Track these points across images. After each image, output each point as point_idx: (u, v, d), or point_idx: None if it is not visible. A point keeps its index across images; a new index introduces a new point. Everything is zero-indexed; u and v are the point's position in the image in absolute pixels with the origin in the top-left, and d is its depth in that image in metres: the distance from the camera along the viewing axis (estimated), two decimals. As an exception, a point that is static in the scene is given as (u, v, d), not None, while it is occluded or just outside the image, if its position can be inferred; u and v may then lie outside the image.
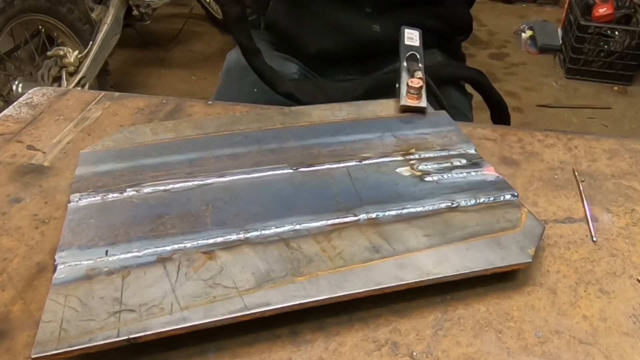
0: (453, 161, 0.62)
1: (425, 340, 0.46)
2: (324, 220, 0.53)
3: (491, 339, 0.47)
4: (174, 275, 0.47)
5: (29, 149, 0.68)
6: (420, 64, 0.73)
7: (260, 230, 0.51)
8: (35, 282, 0.51)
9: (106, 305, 0.44)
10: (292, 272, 0.47)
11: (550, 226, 0.58)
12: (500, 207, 0.55)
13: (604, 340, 0.47)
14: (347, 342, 0.46)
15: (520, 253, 0.50)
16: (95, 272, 0.47)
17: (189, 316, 0.43)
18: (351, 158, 0.62)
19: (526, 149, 0.71)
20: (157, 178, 0.58)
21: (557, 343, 0.46)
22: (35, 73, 2.18)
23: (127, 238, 0.50)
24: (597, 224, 0.59)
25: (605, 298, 0.51)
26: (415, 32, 0.74)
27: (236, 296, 0.45)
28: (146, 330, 0.42)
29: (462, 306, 0.49)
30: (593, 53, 2.96)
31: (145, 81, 2.89)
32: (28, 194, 0.61)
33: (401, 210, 0.54)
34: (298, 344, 0.46)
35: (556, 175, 0.66)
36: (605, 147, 0.72)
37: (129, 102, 0.78)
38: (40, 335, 0.42)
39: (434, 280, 0.48)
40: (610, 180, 0.66)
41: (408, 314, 0.48)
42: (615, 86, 2.97)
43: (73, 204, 0.54)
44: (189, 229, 0.51)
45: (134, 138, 0.64)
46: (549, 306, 0.50)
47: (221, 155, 0.62)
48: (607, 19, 2.89)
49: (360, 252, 0.50)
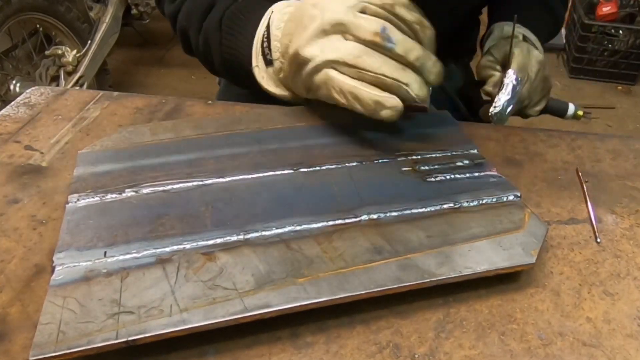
0: (455, 161, 0.61)
1: (428, 342, 0.46)
2: (324, 221, 0.52)
3: (494, 341, 0.46)
4: (173, 276, 0.46)
5: (27, 149, 0.68)
6: None
7: (261, 231, 0.51)
8: (33, 283, 0.50)
9: (105, 307, 0.44)
10: (292, 273, 0.47)
11: (553, 227, 0.58)
12: (503, 208, 0.55)
13: (608, 343, 0.46)
14: (348, 344, 0.46)
15: (523, 254, 0.50)
16: (94, 274, 0.47)
17: (189, 318, 0.43)
18: (352, 158, 0.61)
19: (529, 149, 0.70)
20: (156, 178, 0.57)
21: (561, 345, 0.46)
22: (33, 72, 2.18)
23: (126, 239, 0.50)
24: (601, 225, 0.59)
25: (610, 300, 0.50)
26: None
27: (236, 298, 0.45)
28: (145, 332, 0.42)
29: (464, 308, 0.49)
30: (597, 52, 2.97)
31: (144, 81, 2.89)
32: (26, 194, 0.60)
33: (403, 211, 0.54)
34: (298, 346, 0.45)
35: (560, 175, 0.66)
36: (609, 147, 0.72)
37: (128, 102, 0.78)
38: (38, 338, 0.41)
39: (436, 282, 0.48)
40: (615, 180, 0.66)
41: (410, 315, 0.48)
42: (619, 86, 2.97)
43: (71, 204, 0.54)
44: (189, 230, 0.51)
45: (132, 138, 0.64)
46: (552, 308, 0.49)
47: (221, 156, 0.61)
48: (611, 18, 2.89)
49: (361, 253, 0.49)
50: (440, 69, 0.61)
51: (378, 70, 0.57)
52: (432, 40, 0.61)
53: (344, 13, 0.58)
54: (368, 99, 0.58)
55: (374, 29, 0.57)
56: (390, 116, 0.58)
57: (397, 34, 0.58)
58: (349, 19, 0.58)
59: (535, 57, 0.82)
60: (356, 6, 0.58)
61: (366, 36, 0.57)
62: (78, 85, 2.23)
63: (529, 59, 0.81)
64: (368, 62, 0.57)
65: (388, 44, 0.57)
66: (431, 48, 0.61)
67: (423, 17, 0.59)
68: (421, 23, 0.59)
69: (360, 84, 0.58)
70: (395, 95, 0.58)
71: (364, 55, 0.57)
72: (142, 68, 2.98)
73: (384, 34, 0.57)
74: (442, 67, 0.61)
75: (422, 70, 0.59)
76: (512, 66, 0.78)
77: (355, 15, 0.58)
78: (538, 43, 0.87)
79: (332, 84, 0.59)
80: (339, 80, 0.58)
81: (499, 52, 0.84)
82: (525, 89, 0.79)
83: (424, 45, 0.60)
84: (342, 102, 0.60)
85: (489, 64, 0.85)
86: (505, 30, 0.87)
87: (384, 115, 0.58)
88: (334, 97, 0.60)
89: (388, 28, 0.57)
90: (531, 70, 0.80)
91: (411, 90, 0.58)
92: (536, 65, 0.81)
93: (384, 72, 0.57)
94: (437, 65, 0.60)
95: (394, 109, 0.58)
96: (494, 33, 0.89)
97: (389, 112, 0.58)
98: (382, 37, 0.57)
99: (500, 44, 0.85)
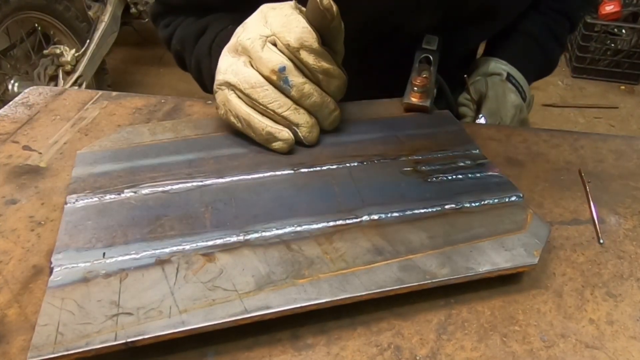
0: (457, 161, 0.61)
1: (429, 344, 0.46)
2: (325, 222, 0.52)
3: (496, 343, 0.46)
4: (172, 277, 0.46)
5: (25, 149, 0.67)
6: (432, 66, 0.73)
7: (261, 232, 0.51)
8: (31, 285, 0.50)
9: (103, 309, 0.43)
10: (293, 274, 0.47)
11: (556, 228, 0.58)
12: (505, 209, 0.55)
13: (611, 345, 0.46)
14: (349, 346, 0.45)
15: (525, 255, 0.49)
16: (93, 275, 0.46)
17: (188, 319, 0.43)
18: (353, 159, 0.61)
19: (531, 150, 0.70)
20: (155, 179, 0.57)
21: (563, 347, 0.46)
22: (31, 72, 2.18)
23: (124, 240, 0.50)
24: (603, 226, 0.58)
25: (612, 301, 0.50)
26: (435, 38, 0.74)
27: (236, 299, 0.44)
28: (144, 334, 0.42)
29: (466, 309, 0.49)
30: (600, 52, 2.96)
31: (143, 80, 2.88)
32: (24, 195, 0.60)
33: (404, 212, 0.54)
34: (299, 348, 0.45)
35: (562, 176, 0.66)
36: (612, 147, 0.71)
37: (127, 102, 0.78)
38: (37, 339, 0.41)
39: (438, 283, 0.47)
40: (617, 181, 0.65)
41: (411, 317, 0.48)
42: (622, 85, 2.96)
43: (70, 205, 0.54)
44: (188, 230, 0.51)
45: (131, 138, 0.64)
46: (554, 309, 0.49)
47: (221, 156, 0.61)
48: (614, 17, 2.87)
49: (362, 254, 0.49)
50: (337, 118, 0.62)
51: (269, 105, 0.59)
52: (339, 89, 0.62)
53: (252, 41, 0.58)
54: (260, 129, 0.60)
55: (272, 66, 0.57)
56: (281, 148, 0.60)
57: (296, 76, 0.58)
58: (255, 48, 0.58)
59: (511, 101, 0.82)
60: (269, 37, 0.58)
61: (264, 71, 0.58)
62: (77, 85, 2.23)
63: (504, 104, 0.81)
64: (261, 95, 0.58)
65: (283, 84, 0.58)
66: (336, 95, 0.62)
67: (331, 64, 0.59)
68: (327, 72, 0.59)
69: (255, 112, 0.59)
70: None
71: (259, 87, 0.58)
72: (141, 67, 2.98)
73: (282, 73, 0.57)
74: (339, 116, 0.62)
75: (317, 116, 0.61)
76: (482, 111, 0.80)
77: (262, 46, 0.58)
78: (524, 82, 0.87)
79: (229, 106, 0.61)
80: (235, 105, 0.60)
81: (476, 91, 0.84)
82: None
83: (328, 92, 0.61)
84: (237, 126, 0.61)
85: (465, 102, 0.85)
86: (489, 67, 0.86)
87: (275, 147, 0.61)
88: (231, 120, 0.61)
89: (287, 68, 0.57)
90: (505, 115, 0.81)
91: (299, 132, 0.60)
92: (511, 109, 0.81)
93: (273, 108, 0.59)
94: (333, 115, 0.62)
95: (286, 141, 0.60)
96: (478, 68, 0.88)
97: (280, 144, 0.60)
98: (279, 77, 0.58)
99: (479, 82, 0.84)
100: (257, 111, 0.59)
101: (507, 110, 0.81)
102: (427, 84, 0.70)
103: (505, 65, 0.86)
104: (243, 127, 0.61)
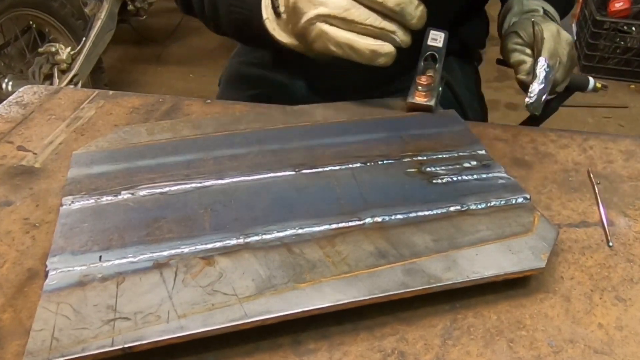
0: (463, 162, 0.60)
1: (434, 349, 0.45)
2: (327, 225, 0.52)
3: (502, 348, 0.45)
4: (170, 281, 0.46)
5: (20, 149, 0.67)
6: (438, 64, 0.71)
7: (261, 234, 0.50)
8: (26, 289, 0.50)
9: (100, 313, 0.43)
10: (294, 278, 0.46)
11: (564, 230, 0.57)
12: (512, 211, 0.54)
13: (620, 350, 0.46)
14: (352, 352, 0.45)
15: (532, 258, 0.49)
16: (89, 279, 0.46)
17: (187, 324, 0.42)
18: (356, 159, 0.60)
19: (539, 150, 0.69)
20: (153, 180, 0.57)
21: (572, 353, 0.45)
22: (26, 70, 2.17)
23: (121, 243, 0.49)
24: (613, 229, 0.58)
25: (622, 306, 0.49)
26: (441, 34, 0.73)
27: (236, 303, 0.44)
28: (142, 339, 0.41)
29: (471, 314, 0.48)
30: (609, 50, 2.93)
31: (140, 79, 2.88)
32: (18, 196, 0.60)
33: (408, 214, 0.53)
34: (300, 354, 0.45)
35: (570, 177, 0.65)
36: (621, 148, 0.71)
37: (124, 101, 0.77)
38: (31, 345, 0.41)
39: (443, 287, 0.47)
40: (627, 182, 0.65)
41: (415, 322, 0.47)
42: (632, 84, 2.94)
43: (65, 207, 0.53)
44: (187, 233, 0.50)
45: (129, 138, 0.63)
46: (562, 314, 0.48)
47: (220, 157, 0.60)
48: (624, 14, 2.85)
49: (365, 257, 0.48)
50: (423, 13, 0.63)
51: (366, 21, 0.61)
52: None
53: None
54: (364, 49, 0.62)
55: None
56: (385, 62, 0.63)
57: None
58: None
59: (565, 39, 0.78)
60: None
61: None
62: (72, 84, 2.22)
63: (559, 43, 0.77)
64: (356, 14, 0.61)
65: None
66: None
67: None
68: None
69: (354, 35, 0.62)
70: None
71: (352, 8, 0.61)
72: (139, 66, 2.97)
73: None
74: (424, 10, 0.63)
75: (404, 15, 0.62)
76: (543, 54, 0.75)
77: None
78: (557, 17, 0.84)
79: (326, 37, 0.63)
80: (333, 33, 0.62)
81: (525, 32, 0.79)
82: (558, 74, 0.77)
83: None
84: (338, 53, 0.63)
85: (518, 47, 0.80)
86: (524, 6, 0.84)
87: (380, 62, 0.63)
88: (331, 49, 0.63)
89: None
90: (562, 54, 0.77)
91: (397, 37, 0.63)
92: (566, 47, 0.78)
93: (371, 22, 0.61)
94: (419, 9, 0.63)
95: (389, 55, 0.63)
96: (513, 8, 0.85)
97: (384, 59, 0.63)
98: None
99: (524, 23, 0.80)
100: (355, 32, 0.62)
101: (563, 49, 0.78)
102: (432, 83, 0.69)
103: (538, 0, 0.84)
104: (345, 53, 0.63)
